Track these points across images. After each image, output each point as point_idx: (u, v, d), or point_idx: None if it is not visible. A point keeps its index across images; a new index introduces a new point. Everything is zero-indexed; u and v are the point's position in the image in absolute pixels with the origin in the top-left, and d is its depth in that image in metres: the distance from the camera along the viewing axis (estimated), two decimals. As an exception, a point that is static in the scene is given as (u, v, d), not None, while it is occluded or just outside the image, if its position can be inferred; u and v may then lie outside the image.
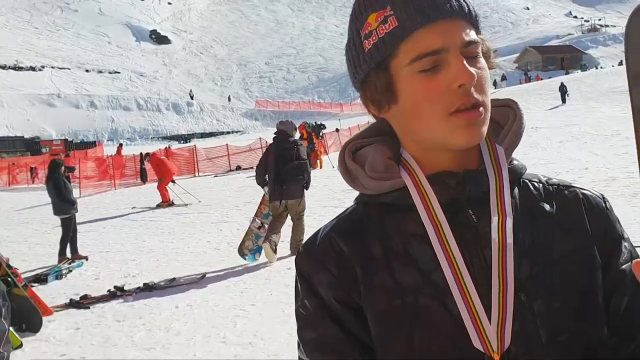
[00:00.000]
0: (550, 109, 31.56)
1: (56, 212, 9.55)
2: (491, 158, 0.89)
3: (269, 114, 74.45)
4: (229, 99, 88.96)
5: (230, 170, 25.72)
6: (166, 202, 15.73)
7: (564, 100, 32.41)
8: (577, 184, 0.94)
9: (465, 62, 0.80)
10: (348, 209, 0.97)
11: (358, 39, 0.87)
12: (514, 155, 0.94)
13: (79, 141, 64.28)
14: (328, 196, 13.77)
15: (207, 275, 7.50)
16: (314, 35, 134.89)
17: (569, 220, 0.88)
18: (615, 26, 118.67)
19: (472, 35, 0.83)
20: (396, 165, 0.92)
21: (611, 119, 22.11)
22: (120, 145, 38.95)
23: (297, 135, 9.30)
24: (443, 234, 0.84)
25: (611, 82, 35.86)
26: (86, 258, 9.32)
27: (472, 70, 0.80)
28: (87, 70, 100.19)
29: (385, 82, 0.86)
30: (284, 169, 8.10)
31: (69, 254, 9.32)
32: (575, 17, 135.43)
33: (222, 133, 69.97)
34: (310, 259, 0.91)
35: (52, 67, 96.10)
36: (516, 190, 0.90)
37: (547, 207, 0.89)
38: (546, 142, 18.22)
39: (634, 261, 0.65)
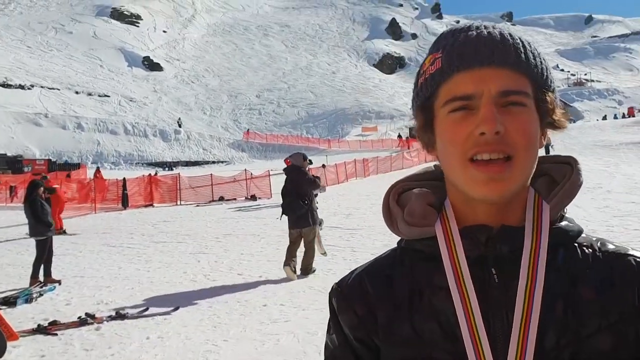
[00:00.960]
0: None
1: (31, 234, 9.39)
2: (534, 215, 0.85)
3: (257, 146, 74.56)
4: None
5: (213, 201, 25.56)
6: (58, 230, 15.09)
7: (547, 153, 32.93)
8: (636, 252, 0.86)
9: (494, 111, 0.78)
10: (387, 251, 0.97)
11: (416, 77, 0.90)
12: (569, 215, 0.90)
13: (62, 162, 63.68)
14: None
15: (181, 307, 7.36)
16: (305, 72, 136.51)
17: (614, 292, 0.82)
18: (600, 81, 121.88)
19: (515, 85, 0.80)
20: (435, 213, 0.90)
21: (593, 172, 22.45)
22: (98, 168, 38.46)
23: (308, 166, 9.98)
24: (465, 291, 0.82)
25: (595, 136, 36.60)
26: (59, 282, 9.12)
27: (499, 120, 0.77)
28: (76, 92, 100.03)
29: (425, 120, 0.87)
30: (287, 200, 9.07)
31: (41, 277, 9.11)
32: (562, 70, 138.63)
33: (207, 162, 69.80)
34: (339, 297, 0.94)
35: (42, 87, 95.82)
36: (561, 253, 0.85)
37: (591, 275, 0.83)
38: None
39: None
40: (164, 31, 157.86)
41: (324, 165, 31.05)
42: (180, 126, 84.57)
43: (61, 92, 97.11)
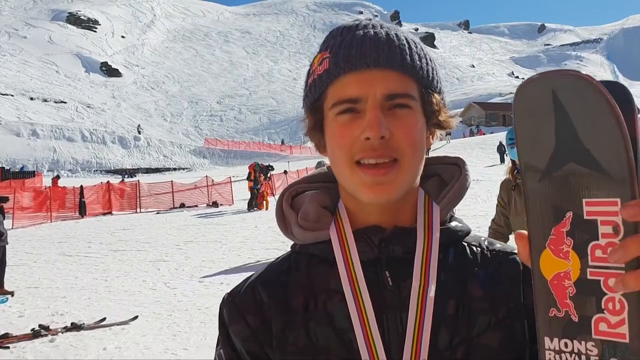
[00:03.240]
0: (490, 166, 32.70)
1: (-18, 244, 9.05)
2: (425, 217, 0.86)
3: (218, 153, 74.04)
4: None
5: (174, 208, 25.23)
6: None
7: (502, 160, 33.34)
8: None
9: (380, 115, 0.77)
10: (281, 256, 0.95)
11: (307, 76, 0.89)
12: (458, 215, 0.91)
13: (17, 170, 61.88)
14: (272, 238, 13.63)
15: (139, 317, 7.21)
16: (267, 78, 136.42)
17: (502, 289, 0.84)
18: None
19: (400, 88, 0.80)
20: (330, 215, 0.89)
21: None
22: (57, 177, 37.40)
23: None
24: (359, 294, 0.81)
25: (549, 141, 37.51)
26: (12, 294, 8.82)
27: (385, 125, 0.77)
28: (31, 98, 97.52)
29: (315, 121, 0.86)
30: None
31: (-7, 289, 8.81)
32: (517, 77, 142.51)
33: (168, 169, 68.93)
34: (231, 308, 0.90)
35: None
36: (451, 253, 0.86)
37: (481, 274, 0.85)
38: (486, 195, 18.75)
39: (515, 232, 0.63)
40: (123, 36, 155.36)
41: (285, 172, 31.03)
42: (139, 133, 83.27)
43: (15, 98, 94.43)
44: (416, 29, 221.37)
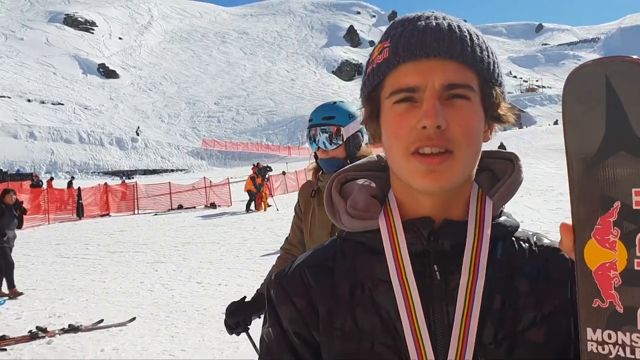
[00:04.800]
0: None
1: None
2: (477, 211, 0.85)
3: (216, 154, 73.90)
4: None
5: (172, 209, 25.19)
6: None
7: None
8: None
9: (437, 104, 0.77)
10: (328, 241, 0.96)
11: (366, 66, 0.89)
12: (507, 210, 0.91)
13: (14, 172, 61.73)
14: (271, 239, 13.62)
15: (137, 318, 7.20)
16: (264, 79, 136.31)
17: (549, 285, 0.83)
18: (551, 87, 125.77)
19: (459, 78, 0.79)
20: (379, 205, 0.89)
21: (546, 175, 23.09)
22: (52, 178, 37.27)
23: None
24: (407, 285, 0.81)
25: (547, 140, 37.68)
26: (20, 294, 8.89)
27: (441, 114, 0.77)
28: (28, 100, 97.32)
29: (371, 111, 0.87)
30: None
31: (5, 290, 8.90)
32: (515, 77, 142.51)
33: (166, 170, 68.81)
34: (278, 289, 0.91)
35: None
36: (500, 247, 0.86)
37: (528, 269, 0.85)
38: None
39: (560, 223, 0.62)
40: (120, 38, 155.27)
41: (284, 172, 31.00)
42: (138, 134, 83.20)
43: (12, 100, 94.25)
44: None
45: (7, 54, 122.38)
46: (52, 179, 36.75)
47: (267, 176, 24.74)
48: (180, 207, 25.36)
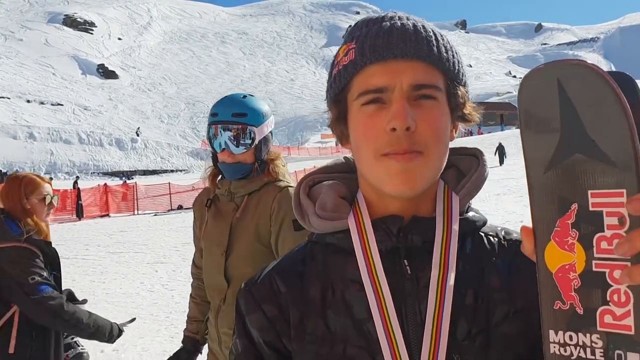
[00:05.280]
0: (491, 168, 32.41)
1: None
2: (444, 207, 0.85)
3: (215, 154, 74.04)
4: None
5: (172, 210, 25.18)
6: None
7: (501, 162, 30.92)
8: None
9: (406, 106, 0.77)
10: (298, 246, 0.95)
11: (330, 68, 0.89)
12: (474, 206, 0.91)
13: (13, 173, 61.69)
14: (270, 239, 13.61)
15: (137, 318, 7.17)
16: (264, 79, 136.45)
17: (519, 279, 0.83)
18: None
19: (427, 78, 0.79)
20: (348, 205, 0.89)
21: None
22: (50, 179, 37.14)
23: None
24: (378, 284, 0.80)
25: (546, 140, 37.35)
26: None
27: (411, 115, 0.76)
28: (28, 101, 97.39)
29: (338, 112, 0.86)
30: None
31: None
32: (515, 76, 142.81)
33: (165, 171, 68.86)
34: (248, 297, 0.90)
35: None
36: (469, 243, 0.86)
37: (498, 263, 0.85)
38: (485, 194, 18.75)
39: (521, 226, 0.62)
40: (119, 38, 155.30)
41: (283, 172, 31.01)
42: (138, 135, 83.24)
43: (11, 101, 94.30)
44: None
45: (7, 55, 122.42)
46: (51, 179, 36.69)
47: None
48: (180, 207, 25.35)
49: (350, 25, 0.88)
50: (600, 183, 0.53)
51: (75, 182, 33.07)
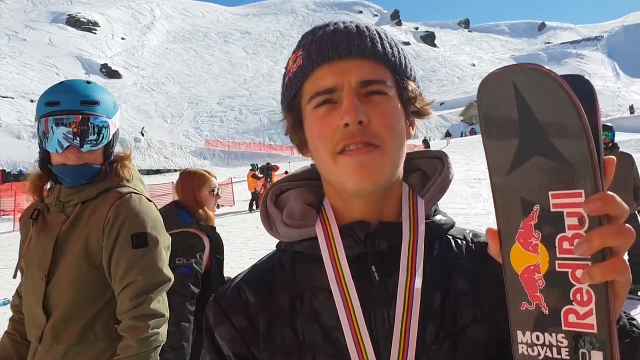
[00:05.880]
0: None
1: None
2: (410, 210, 0.85)
3: (219, 154, 74.06)
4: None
5: (175, 209, 25.15)
6: None
7: None
8: None
9: (356, 101, 0.78)
10: (267, 255, 0.95)
11: (283, 78, 0.90)
12: (442, 209, 0.91)
13: (17, 172, 61.90)
14: (274, 240, 13.54)
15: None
16: (267, 79, 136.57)
17: (487, 281, 0.83)
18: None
19: (374, 74, 0.80)
20: (315, 212, 0.89)
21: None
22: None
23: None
24: (347, 291, 0.80)
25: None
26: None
27: (362, 110, 0.77)
28: (31, 101, 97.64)
29: (294, 120, 0.87)
30: None
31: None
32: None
33: (169, 170, 68.93)
34: (217, 309, 0.89)
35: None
36: (436, 246, 0.86)
37: (466, 266, 0.85)
38: (488, 193, 18.70)
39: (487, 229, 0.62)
40: (122, 38, 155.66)
41: (287, 172, 30.98)
42: (143, 135, 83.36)
43: (15, 101, 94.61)
44: (416, 28, 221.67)
45: (10, 55, 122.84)
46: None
47: (270, 174, 24.72)
48: (183, 207, 25.33)
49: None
50: (560, 184, 0.54)
51: None
